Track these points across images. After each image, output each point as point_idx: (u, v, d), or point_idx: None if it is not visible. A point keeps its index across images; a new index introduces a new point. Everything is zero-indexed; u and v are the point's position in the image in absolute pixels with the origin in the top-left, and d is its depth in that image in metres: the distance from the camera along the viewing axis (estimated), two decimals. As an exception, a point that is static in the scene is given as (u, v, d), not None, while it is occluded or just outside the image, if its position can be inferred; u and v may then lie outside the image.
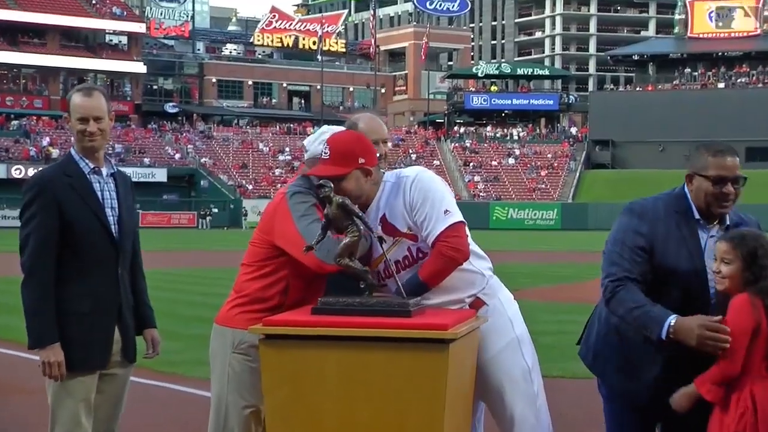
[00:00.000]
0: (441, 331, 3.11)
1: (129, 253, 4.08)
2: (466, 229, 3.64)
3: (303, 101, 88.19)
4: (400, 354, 3.11)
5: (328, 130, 3.77)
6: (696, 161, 3.57)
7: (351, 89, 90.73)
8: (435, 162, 70.55)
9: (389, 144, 4.19)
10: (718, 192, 3.48)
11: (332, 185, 3.35)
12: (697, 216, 3.55)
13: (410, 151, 72.27)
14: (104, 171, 4.03)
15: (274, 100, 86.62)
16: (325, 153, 3.56)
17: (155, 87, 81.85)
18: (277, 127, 75.90)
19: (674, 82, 74.47)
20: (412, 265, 3.59)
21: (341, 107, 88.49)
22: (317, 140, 3.80)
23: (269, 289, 3.73)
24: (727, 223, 3.60)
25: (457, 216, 3.56)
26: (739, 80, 72.98)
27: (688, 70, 74.68)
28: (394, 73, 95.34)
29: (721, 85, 72.69)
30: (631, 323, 3.44)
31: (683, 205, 3.57)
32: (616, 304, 3.47)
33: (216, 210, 60.91)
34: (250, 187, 65.35)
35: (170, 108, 78.34)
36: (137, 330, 4.15)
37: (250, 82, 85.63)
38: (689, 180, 3.57)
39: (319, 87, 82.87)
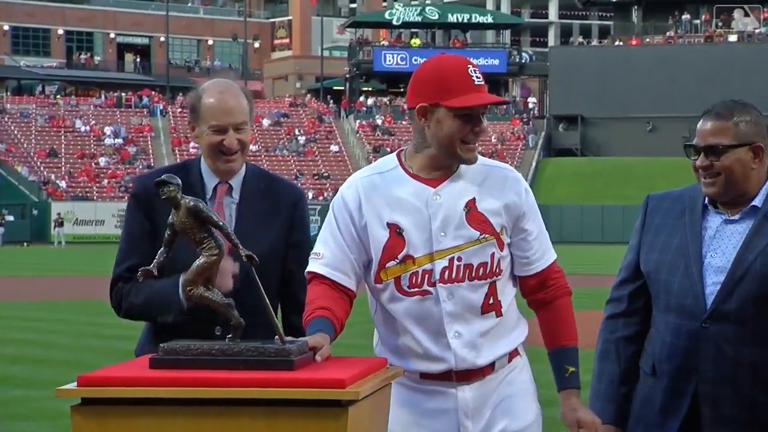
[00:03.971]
0: (336, 390, 3.12)
1: None
2: None
3: (140, 59, 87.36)
4: (280, 422, 3.11)
5: None
6: None
7: (210, 42, 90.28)
8: (332, 147, 70.61)
9: (247, 129, 3.99)
10: (694, 166, 3.69)
11: (179, 182, 3.28)
12: (706, 201, 3.73)
13: (296, 132, 72.18)
14: None
15: (97, 58, 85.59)
16: None
17: None
18: (102, 96, 75.05)
19: (668, 34, 76.05)
20: (485, 278, 3.69)
21: (196, 68, 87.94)
22: None
23: None
24: (757, 204, 3.68)
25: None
26: (757, 30, 74.77)
27: (687, 16, 76.31)
28: (272, 20, 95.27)
29: (733, 37, 74.50)
30: None
31: (697, 189, 3.79)
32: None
33: (11, 218, 60.17)
34: (63, 184, 64.42)
35: (-58, 68, 76.91)
36: None
37: (60, 31, 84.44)
38: None
39: (163, 39, 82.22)
